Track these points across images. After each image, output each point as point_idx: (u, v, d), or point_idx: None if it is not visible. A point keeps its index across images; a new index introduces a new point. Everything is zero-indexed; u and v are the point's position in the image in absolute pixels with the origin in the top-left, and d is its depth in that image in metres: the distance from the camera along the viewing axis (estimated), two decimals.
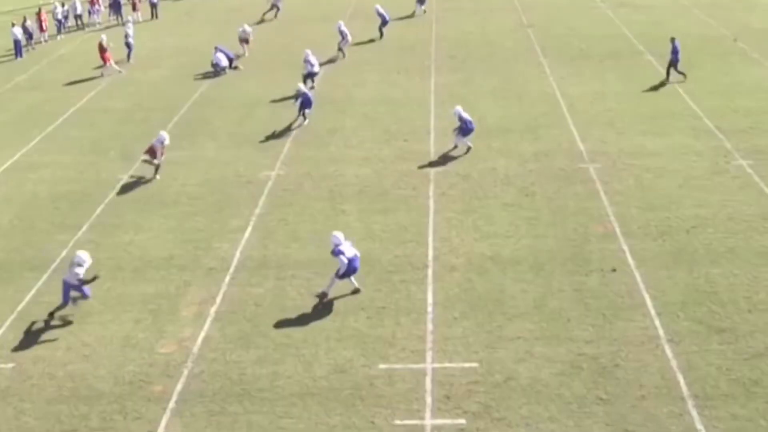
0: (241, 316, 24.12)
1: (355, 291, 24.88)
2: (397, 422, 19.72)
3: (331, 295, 24.62)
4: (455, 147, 34.69)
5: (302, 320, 23.78)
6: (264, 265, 26.70)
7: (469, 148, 34.54)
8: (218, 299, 24.92)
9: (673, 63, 42.21)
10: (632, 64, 46.81)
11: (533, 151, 34.55)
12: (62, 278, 24.38)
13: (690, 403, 19.91)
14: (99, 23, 65.11)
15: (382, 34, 54.90)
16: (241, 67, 49.23)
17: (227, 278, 26.07)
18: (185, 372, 21.76)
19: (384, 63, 49.19)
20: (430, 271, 25.92)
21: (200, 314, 24.26)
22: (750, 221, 28.15)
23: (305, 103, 38.92)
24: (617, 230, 27.89)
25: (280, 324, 23.65)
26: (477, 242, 27.49)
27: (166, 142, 33.62)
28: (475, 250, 27.08)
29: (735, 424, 19.24)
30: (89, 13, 65.22)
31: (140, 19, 64.74)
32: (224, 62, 48.22)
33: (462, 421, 19.67)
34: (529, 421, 19.58)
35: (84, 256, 24.32)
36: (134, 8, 65.08)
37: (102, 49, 48.84)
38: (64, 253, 27.79)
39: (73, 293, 24.29)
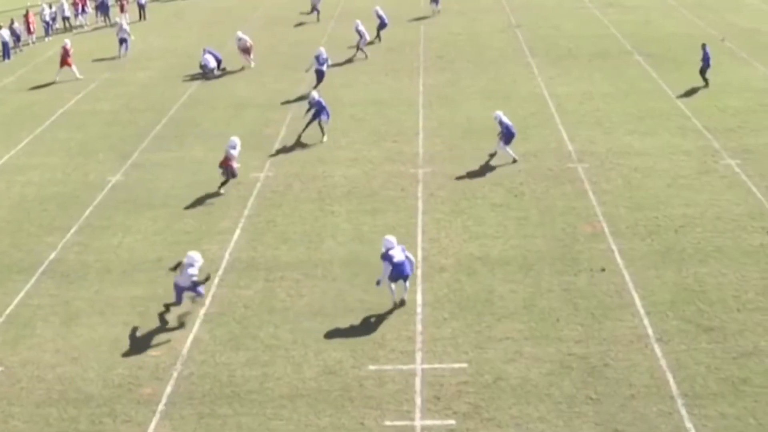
0: (230, 317, 24.09)
1: (401, 303, 24.22)
2: (387, 423, 19.71)
3: (333, 297, 24.66)
4: (494, 154, 33.89)
5: (291, 322, 23.76)
6: (253, 267, 26.67)
7: (514, 160, 33.49)
8: (207, 301, 24.87)
9: (703, 69, 41.61)
10: (620, 64, 46.88)
11: (522, 151, 34.55)
12: (174, 281, 23.96)
13: (679, 402, 19.96)
14: (87, 25, 65.01)
15: (379, 38, 54.32)
16: (228, 68, 49.15)
17: (216, 280, 26.01)
18: (174, 374, 21.72)
19: (372, 64, 49.18)
20: (419, 272, 25.90)
21: (189, 316, 24.20)
22: (738, 220, 28.22)
23: (320, 112, 36.73)
24: (606, 230, 27.93)
25: (270, 326, 23.63)
26: (466, 243, 27.50)
27: (238, 147, 32.42)
28: (464, 250, 27.09)
29: (724, 422, 19.29)
30: (76, 14, 65.04)
31: (128, 21, 64.57)
32: (212, 63, 48.12)
33: (452, 421, 19.67)
34: (518, 421, 19.60)
35: (196, 256, 23.93)
36: (122, 9, 64.85)
37: (65, 53, 48.51)
38: (52, 256, 27.75)
39: (188, 293, 24.08)
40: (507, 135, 33.16)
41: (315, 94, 37.15)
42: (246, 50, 49.40)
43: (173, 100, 43.72)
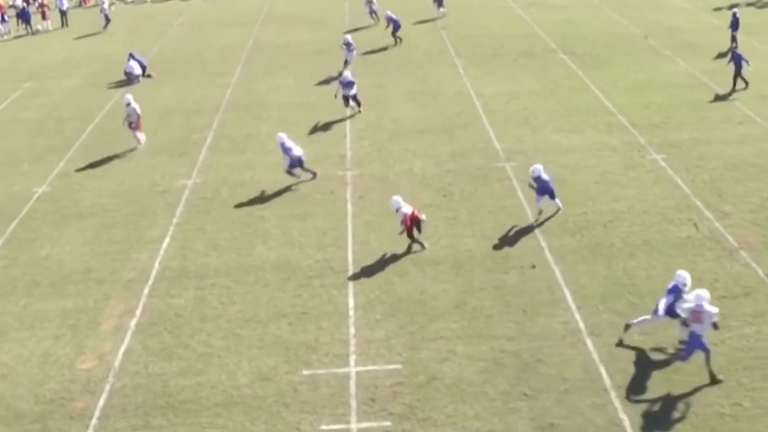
0: (162, 327, 23.85)
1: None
2: (323, 427, 19.67)
3: (257, 302, 24.58)
4: (540, 213, 28.80)
5: (224, 329, 23.59)
6: (183, 275, 26.44)
7: (558, 209, 28.91)
8: (138, 311, 24.62)
9: (737, 72, 40.73)
10: (545, 63, 47.28)
11: (449, 152, 34.71)
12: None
13: (613, 394, 20.18)
14: (7, 33, 63.94)
15: (396, 40, 53.15)
16: (154, 74, 48.70)
17: (147, 290, 25.76)
18: (107, 387, 21.46)
19: (298, 68, 49.03)
20: (350, 275, 25.89)
21: (120, 327, 23.94)
22: (665, 213, 28.60)
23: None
24: (535, 227, 28.12)
25: (202, 334, 23.44)
26: (396, 245, 27.50)
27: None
28: (395, 252, 27.11)
29: (657, 412, 19.52)
30: None
31: (50, 28, 63.81)
32: (137, 70, 47.66)
33: (388, 423, 19.68)
34: (454, 420, 19.66)
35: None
36: (44, 17, 64.05)
37: None
38: None
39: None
40: (541, 189, 28.48)
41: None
42: (136, 125, 37.75)
43: (99, 107, 43.19)
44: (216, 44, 55.91)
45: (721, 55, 45.94)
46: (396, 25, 53.08)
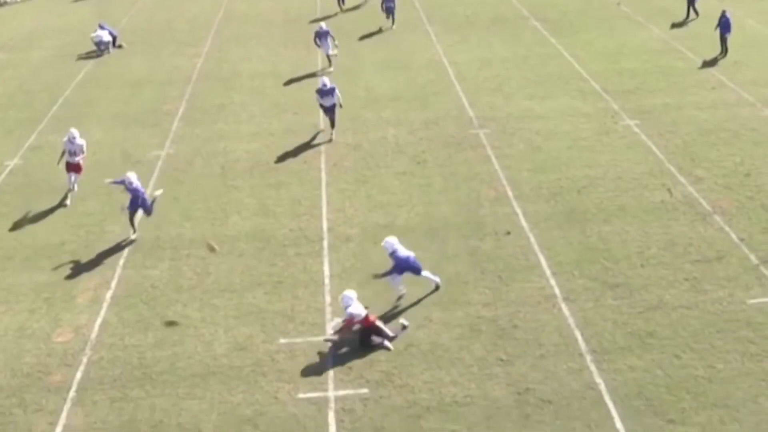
0: (137, 299, 23.77)
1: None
2: (301, 396, 19.68)
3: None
4: (400, 298, 23.23)
5: (199, 300, 23.54)
6: (158, 246, 26.34)
7: (437, 285, 23.45)
8: (113, 283, 24.52)
9: (722, 36, 40.61)
10: (518, 30, 47.26)
11: (423, 119, 34.68)
12: None
13: (588, 358, 20.30)
14: None
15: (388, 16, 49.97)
16: (124, 45, 48.30)
17: (121, 261, 25.65)
18: (84, 360, 21.38)
19: (270, 37, 48.79)
20: (325, 243, 25.88)
21: (96, 300, 23.84)
22: (639, 179, 28.71)
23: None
24: (509, 193, 28.19)
25: (178, 305, 23.38)
26: (371, 212, 27.52)
27: None
28: (370, 219, 27.12)
29: (632, 375, 19.68)
30: None
31: (17, 0, 63.13)
32: (106, 38, 47.07)
33: (365, 390, 19.72)
34: (431, 386, 19.71)
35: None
36: None
37: None
38: None
39: None
40: (399, 267, 22.91)
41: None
42: (74, 167, 30.17)
43: (68, 79, 42.83)
44: (186, 14, 55.52)
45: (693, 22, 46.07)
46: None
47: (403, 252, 22.73)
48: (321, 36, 41.35)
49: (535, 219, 26.56)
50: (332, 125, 33.52)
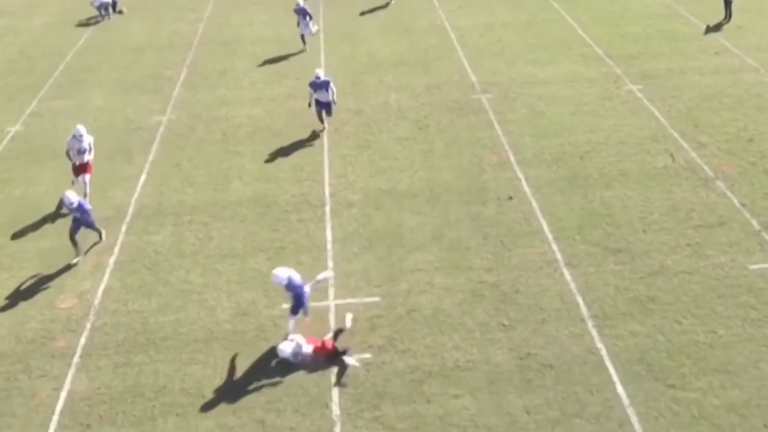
0: (140, 264, 23.82)
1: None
2: None
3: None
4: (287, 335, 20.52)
5: (202, 265, 23.59)
6: (160, 212, 26.36)
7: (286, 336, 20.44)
8: (116, 249, 24.56)
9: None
10: None
11: (425, 84, 34.58)
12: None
13: (590, 324, 20.37)
14: None
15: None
16: (124, 10, 48.09)
17: (124, 227, 25.68)
18: (87, 325, 21.46)
19: (271, 2, 48.49)
20: (327, 209, 25.89)
21: (99, 266, 23.89)
22: (641, 144, 28.66)
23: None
24: (512, 159, 28.16)
25: (180, 270, 23.43)
26: (373, 177, 27.51)
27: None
28: (372, 185, 27.11)
29: (634, 340, 19.75)
30: None
31: None
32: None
33: (367, 355, 19.80)
34: (433, 351, 19.80)
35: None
36: None
37: None
38: None
39: None
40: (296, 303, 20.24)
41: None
42: (82, 167, 27.32)
43: (69, 45, 42.65)
44: None
45: None
46: None
47: (298, 280, 20.03)
48: (298, 13, 39.29)
49: (538, 184, 26.55)
50: (328, 114, 30.82)
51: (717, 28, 39.53)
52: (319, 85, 29.98)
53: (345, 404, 18.61)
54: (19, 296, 22.82)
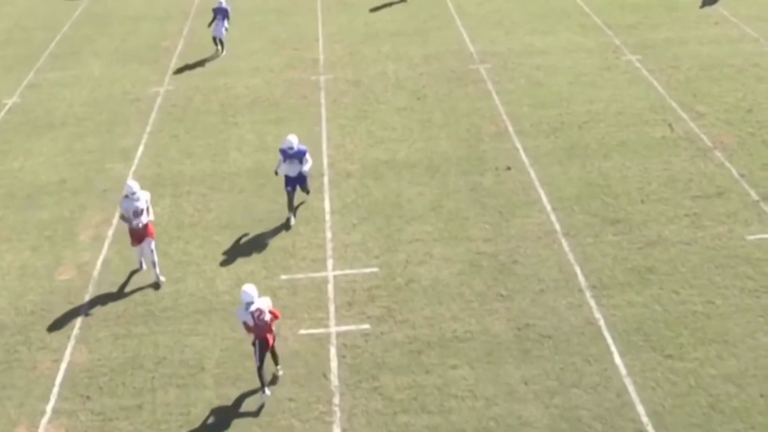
0: None
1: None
2: (302, 332, 19.83)
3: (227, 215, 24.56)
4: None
5: (201, 236, 23.61)
6: (159, 183, 26.33)
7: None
8: (115, 221, 24.52)
9: None
10: None
11: (423, 54, 34.49)
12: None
13: (588, 294, 20.42)
14: None
15: None
16: None
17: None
18: (87, 297, 21.50)
19: None
20: (325, 179, 25.89)
21: (98, 237, 23.91)
22: (640, 114, 28.63)
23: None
24: (510, 129, 28.14)
25: (179, 242, 23.45)
26: (371, 148, 27.49)
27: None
28: (370, 155, 27.10)
29: (631, 311, 19.81)
30: None
31: None
32: None
33: (366, 326, 19.86)
34: (432, 321, 19.86)
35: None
36: None
37: None
38: None
39: None
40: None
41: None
42: (143, 231, 21.77)
43: (66, 16, 42.49)
44: None
45: None
46: None
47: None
48: (216, 12, 35.97)
49: (536, 154, 26.55)
50: (303, 189, 24.17)
51: None
52: (291, 156, 23.38)
53: (343, 375, 18.69)
54: (18, 268, 22.85)
